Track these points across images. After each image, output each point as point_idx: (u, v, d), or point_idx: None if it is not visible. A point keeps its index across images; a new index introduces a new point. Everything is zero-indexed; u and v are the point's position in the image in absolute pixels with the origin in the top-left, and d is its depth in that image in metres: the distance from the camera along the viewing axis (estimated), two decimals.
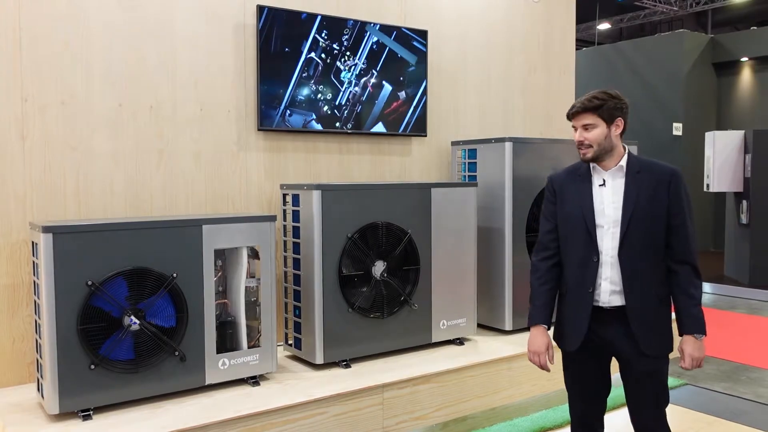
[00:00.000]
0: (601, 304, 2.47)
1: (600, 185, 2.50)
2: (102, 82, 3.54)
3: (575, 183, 2.56)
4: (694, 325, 2.41)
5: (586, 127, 2.47)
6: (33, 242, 2.99)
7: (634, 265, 2.42)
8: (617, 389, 2.63)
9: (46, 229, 2.80)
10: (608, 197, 2.47)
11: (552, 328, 2.63)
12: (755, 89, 11.92)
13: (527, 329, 4.70)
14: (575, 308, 2.52)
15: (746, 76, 12.05)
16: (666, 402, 2.54)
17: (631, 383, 2.52)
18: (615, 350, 2.51)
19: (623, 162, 2.48)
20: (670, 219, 2.42)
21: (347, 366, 3.63)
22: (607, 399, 2.66)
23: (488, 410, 3.78)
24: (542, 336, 2.59)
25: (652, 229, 2.42)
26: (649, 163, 2.49)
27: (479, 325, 4.32)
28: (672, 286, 2.45)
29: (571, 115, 2.52)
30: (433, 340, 4.01)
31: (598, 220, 2.47)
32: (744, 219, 8.57)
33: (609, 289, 2.45)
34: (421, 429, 3.53)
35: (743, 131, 8.80)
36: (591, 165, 2.53)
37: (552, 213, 2.62)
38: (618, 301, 2.45)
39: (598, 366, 2.58)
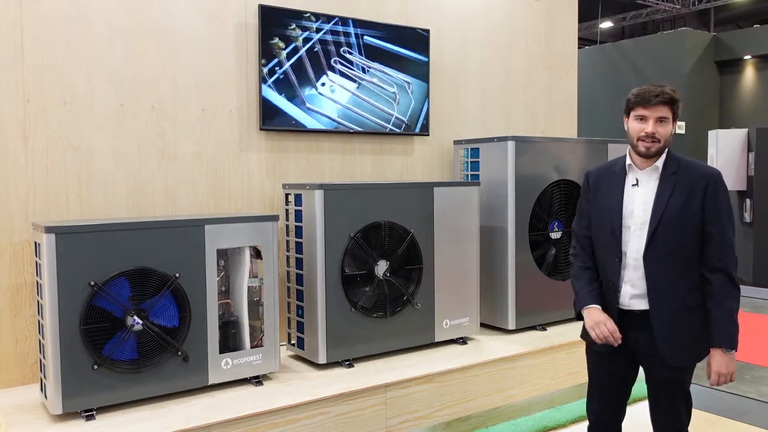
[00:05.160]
0: (622, 307, 2.40)
1: (633, 185, 2.39)
2: (103, 82, 3.54)
3: (609, 181, 2.46)
4: (724, 337, 2.27)
5: (660, 120, 2.31)
6: (35, 243, 2.99)
7: (659, 270, 2.31)
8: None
9: (49, 230, 2.80)
10: (639, 198, 2.37)
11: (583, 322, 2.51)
12: (758, 87, 11.89)
13: (530, 328, 4.69)
14: (603, 307, 2.44)
15: (749, 74, 12.02)
16: (688, 415, 2.43)
17: (653, 391, 2.45)
18: (638, 355, 2.43)
19: (659, 162, 2.36)
20: (704, 225, 2.29)
21: (350, 366, 3.62)
22: (626, 405, 2.58)
23: (491, 410, 3.78)
24: (598, 311, 2.40)
25: (682, 234, 2.29)
26: (688, 164, 2.36)
27: (482, 325, 4.31)
28: (706, 296, 2.31)
29: (652, 105, 2.30)
30: (436, 340, 4.00)
31: (626, 220, 2.37)
32: (747, 217, 8.54)
33: (630, 293, 2.38)
34: (424, 429, 3.53)
35: (746, 129, 8.77)
36: (627, 163, 2.42)
37: (585, 210, 2.54)
38: (640, 305, 2.36)
39: (621, 368, 2.48)
